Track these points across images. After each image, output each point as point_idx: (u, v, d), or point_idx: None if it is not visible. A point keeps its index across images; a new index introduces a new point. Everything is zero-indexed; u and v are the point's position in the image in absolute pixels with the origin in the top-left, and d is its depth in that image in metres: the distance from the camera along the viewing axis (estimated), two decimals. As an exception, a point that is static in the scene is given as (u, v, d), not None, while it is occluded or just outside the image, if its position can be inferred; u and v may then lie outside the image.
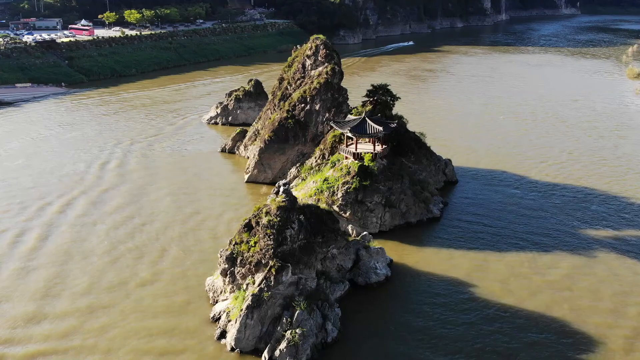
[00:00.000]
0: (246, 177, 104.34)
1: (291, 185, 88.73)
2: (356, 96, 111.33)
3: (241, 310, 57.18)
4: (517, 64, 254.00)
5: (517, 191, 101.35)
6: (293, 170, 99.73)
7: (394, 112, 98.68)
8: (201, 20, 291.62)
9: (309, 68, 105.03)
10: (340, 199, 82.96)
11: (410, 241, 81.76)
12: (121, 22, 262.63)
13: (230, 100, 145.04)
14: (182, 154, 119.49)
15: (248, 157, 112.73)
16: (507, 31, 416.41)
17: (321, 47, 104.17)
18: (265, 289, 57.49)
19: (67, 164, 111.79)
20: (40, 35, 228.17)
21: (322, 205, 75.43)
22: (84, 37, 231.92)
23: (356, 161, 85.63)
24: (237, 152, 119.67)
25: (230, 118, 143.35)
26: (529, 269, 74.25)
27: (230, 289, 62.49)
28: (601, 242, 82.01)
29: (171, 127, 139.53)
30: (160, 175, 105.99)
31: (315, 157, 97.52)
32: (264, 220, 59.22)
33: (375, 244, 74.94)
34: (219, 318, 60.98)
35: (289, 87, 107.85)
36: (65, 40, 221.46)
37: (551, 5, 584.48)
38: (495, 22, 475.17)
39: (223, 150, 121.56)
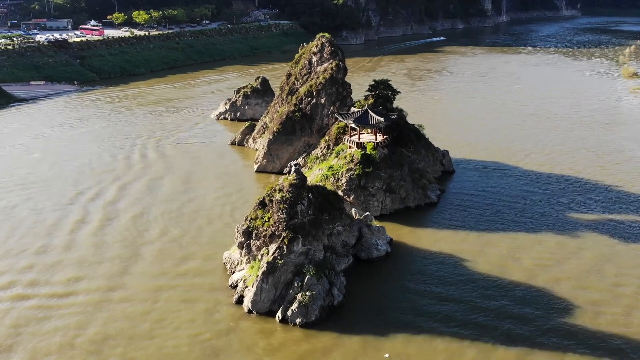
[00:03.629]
0: (255, 167, 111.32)
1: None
2: (359, 93, 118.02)
3: (257, 276, 64.10)
4: (516, 64, 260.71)
5: (511, 180, 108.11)
6: (300, 160, 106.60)
7: (394, 106, 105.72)
8: (207, 21, 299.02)
9: (315, 64, 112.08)
10: (345, 184, 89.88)
11: (409, 223, 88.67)
12: (130, 23, 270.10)
13: (239, 97, 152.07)
14: (195, 147, 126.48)
15: (257, 149, 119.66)
16: (507, 32, 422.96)
17: (326, 44, 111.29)
18: (278, 257, 64.44)
19: (94, 155, 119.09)
20: (53, 35, 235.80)
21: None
22: (94, 37, 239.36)
23: (359, 150, 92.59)
24: (246, 145, 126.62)
25: (238, 114, 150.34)
26: (518, 248, 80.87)
27: (247, 260, 69.43)
28: (589, 225, 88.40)
29: (182, 123, 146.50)
30: (177, 166, 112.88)
31: (321, 148, 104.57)
32: (277, 196, 66.25)
33: (377, 224, 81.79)
34: (237, 285, 67.90)
35: (296, 82, 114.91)
36: (77, 40, 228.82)
37: (552, 6, 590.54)
38: (496, 24, 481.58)
39: (233, 143, 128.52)
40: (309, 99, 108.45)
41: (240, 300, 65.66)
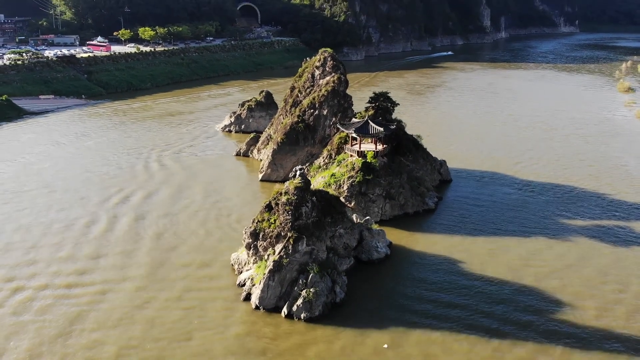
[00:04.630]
0: (260, 176, 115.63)
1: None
2: (360, 107, 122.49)
3: (264, 274, 68.08)
4: (514, 79, 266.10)
5: (507, 188, 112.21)
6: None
7: (393, 117, 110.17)
8: (211, 38, 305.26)
9: (318, 77, 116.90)
10: (346, 191, 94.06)
11: (408, 228, 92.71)
12: (136, 39, 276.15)
13: (243, 110, 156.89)
14: (201, 157, 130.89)
15: (261, 159, 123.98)
16: (506, 48, 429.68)
17: (329, 59, 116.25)
18: (284, 256, 68.49)
19: (107, 164, 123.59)
20: (61, 51, 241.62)
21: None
22: (101, 52, 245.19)
23: (360, 158, 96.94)
24: (250, 155, 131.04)
25: (243, 126, 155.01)
26: (511, 251, 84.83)
27: (254, 260, 73.44)
28: (580, 231, 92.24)
29: (188, 135, 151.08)
30: (185, 176, 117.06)
31: (323, 157, 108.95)
32: (283, 199, 70.47)
33: (376, 227, 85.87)
34: (244, 284, 71.84)
35: (299, 94, 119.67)
36: (84, 55, 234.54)
37: (550, 23, 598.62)
38: (495, 40, 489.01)
39: (238, 154, 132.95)
40: (311, 110, 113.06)
41: (248, 298, 69.54)
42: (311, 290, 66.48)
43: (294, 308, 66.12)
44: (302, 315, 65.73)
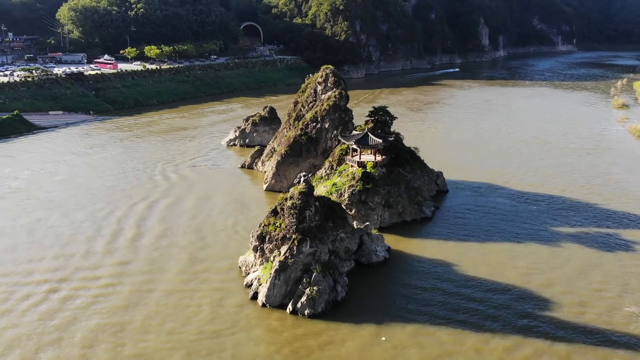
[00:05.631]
0: (265, 186, 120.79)
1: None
2: (360, 122, 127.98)
3: (270, 274, 72.88)
4: (510, 96, 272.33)
5: (501, 198, 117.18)
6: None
7: (392, 130, 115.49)
8: (215, 56, 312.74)
9: (320, 93, 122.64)
10: (347, 199, 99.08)
11: (406, 234, 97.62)
12: (142, 57, 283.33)
13: (248, 125, 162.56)
14: (208, 169, 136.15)
15: (265, 172, 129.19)
16: (504, 66, 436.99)
17: (330, 75, 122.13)
18: (289, 257, 73.36)
19: (115, 176, 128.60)
20: (69, 68, 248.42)
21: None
22: (108, 70, 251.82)
23: (360, 168, 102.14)
24: (255, 168, 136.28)
25: (247, 140, 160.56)
26: (502, 256, 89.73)
27: (260, 262, 78.28)
28: (571, 238, 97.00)
29: (194, 149, 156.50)
30: (194, 187, 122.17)
31: (325, 168, 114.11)
32: (288, 203, 75.56)
33: (375, 232, 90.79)
34: (251, 284, 76.57)
35: (302, 109, 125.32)
36: (92, 73, 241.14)
37: (548, 42, 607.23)
38: (493, 58, 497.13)
39: (243, 166, 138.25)
40: (314, 123, 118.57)
41: (255, 297, 74.28)
42: (314, 288, 71.28)
43: (299, 305, 70.86)
44: (306, 312, 70.44)
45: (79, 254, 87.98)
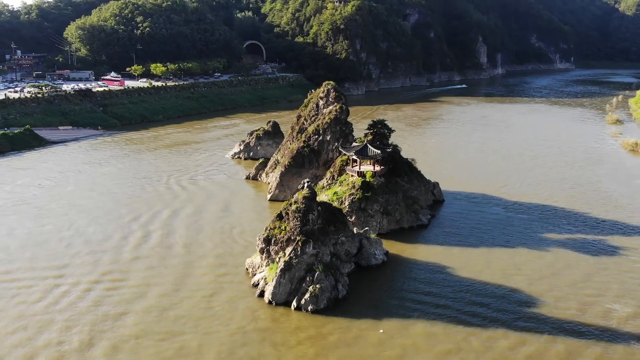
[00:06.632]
0: (269, 196, 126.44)
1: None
2: (359, 135, 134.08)
3: (276, 273, 78.25)
4: (507, 112, 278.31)
5: (495, 208, 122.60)
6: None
7: (390, 142, 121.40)
8: (219, 74, 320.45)
9: (322, 107, 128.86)
10: (347, 206, 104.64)
11: (403, 240, 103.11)
12: (148, 74, 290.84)
13: (252, 139, 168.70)
14: (214, 181, 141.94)
15: (269, 183, 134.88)
16: (502, 83, 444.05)
17: (332, 90, 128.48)
18: (293, 257, 78.82)
19: (129, 187, 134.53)
20: (78, 85, 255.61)
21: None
22: (115, 87, 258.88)
23: (360, 178, 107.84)
24: (259, 179, 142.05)
25: (251, 153, 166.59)
26: (494, 258, 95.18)
27: (266, 263, 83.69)
28: (558, 244, 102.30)
29: (200, 162, 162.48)
30: (200, 197, 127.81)
31: (327, 179, 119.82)
32: (293, 207, 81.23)
33: (374, 236, 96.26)
34: (258, 284, 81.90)
35: (305, 122, 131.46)
36: (100, 89, 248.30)
37: (546, 60, 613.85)
38: (492, 76, 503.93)
39: (248, 178, 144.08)
40: (316, 136, 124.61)
41: (261, 295, 79.63)
42: (317, 286, 76.65)
43: (302, 301, 76.18)
44: (309, 308, 75.72)
45: (106, 257, 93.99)
